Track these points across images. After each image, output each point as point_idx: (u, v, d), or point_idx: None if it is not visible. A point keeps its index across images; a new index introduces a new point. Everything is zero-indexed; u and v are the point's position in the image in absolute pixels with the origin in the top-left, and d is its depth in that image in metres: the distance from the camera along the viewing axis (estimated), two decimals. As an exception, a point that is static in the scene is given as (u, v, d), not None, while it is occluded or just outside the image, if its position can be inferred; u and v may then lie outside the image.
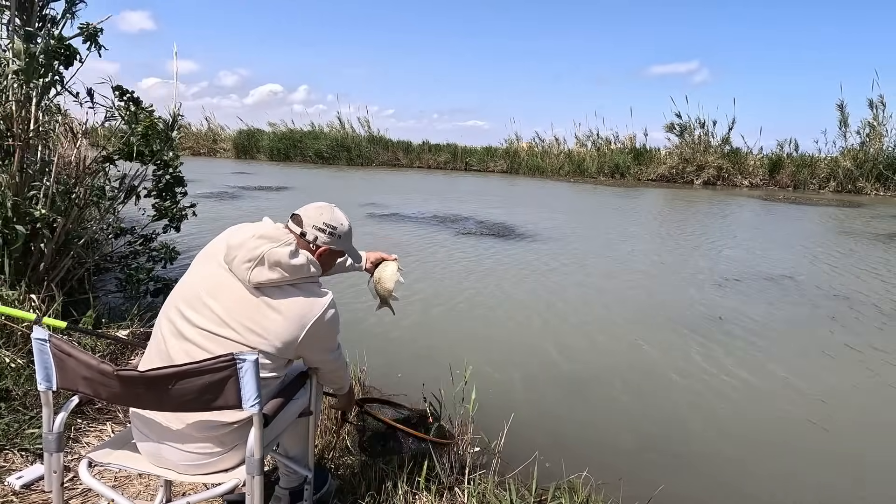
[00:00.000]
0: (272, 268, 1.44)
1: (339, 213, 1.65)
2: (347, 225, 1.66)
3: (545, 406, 3.08)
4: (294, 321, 1.46)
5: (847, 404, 3.22)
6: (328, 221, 1.60)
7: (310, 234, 1.58)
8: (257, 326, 1.43)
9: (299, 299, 1.47)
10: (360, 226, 8.15)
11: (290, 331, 1.45)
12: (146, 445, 1.46)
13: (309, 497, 1.80)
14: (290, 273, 1.46)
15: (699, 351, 3.88)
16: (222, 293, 1.45)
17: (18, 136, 2.93)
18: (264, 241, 1.46)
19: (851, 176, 15.79)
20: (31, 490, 1.95)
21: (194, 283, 1.49)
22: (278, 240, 1.48)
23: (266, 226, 1.53)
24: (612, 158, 18.65)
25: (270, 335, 1.43)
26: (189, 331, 1.43)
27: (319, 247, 1.59)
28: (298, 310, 1.46)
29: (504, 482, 2.05)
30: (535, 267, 6.22)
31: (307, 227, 1.58)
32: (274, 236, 1.49)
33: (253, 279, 1.43)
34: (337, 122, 22.74)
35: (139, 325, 3.11)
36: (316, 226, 1.58)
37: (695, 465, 2.58)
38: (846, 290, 5.49)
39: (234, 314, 1.42)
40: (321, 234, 1.58)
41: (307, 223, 1.58)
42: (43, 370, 1.33)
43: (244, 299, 1.44)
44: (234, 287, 1.45)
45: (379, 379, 3.08)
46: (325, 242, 1.59)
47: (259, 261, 1.43)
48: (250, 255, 1.43)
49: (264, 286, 1.45)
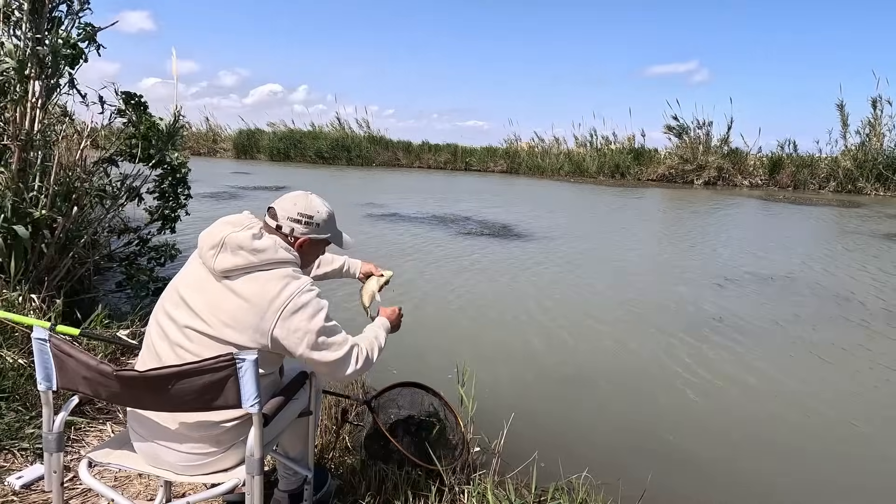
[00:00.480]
0: (235, 252, 1.40)
1: (316, 200, 1.59)
2: (326, 211, 1.59)
3: (544, 406, 3.08)
4: (261, 307, 1.39)
5: (847, 404, 3.22)
6: (303, 211, 1.54)
7: (285, 227, 1.53)
8: (228, 317, 1.38)
9: (267, 284, 1.40)
10: (359, 226, 8.16)
11: (258, 318, 1.38)
12: (143, 446, 1.46)
13: (309, 497, 1.80)
14: (255, 257, 1.41)
15: (699, 351, 3.88)
16: (199, 288, 1.43)
17: (16, 136, 2.93)
18: (227, 226, 1.45)
19: (851, 176, 15.80)
20: (31, 490, 1.95)
21: (177, 282, 1.49)
22: (240, 224, 1.46)
23: (236, 215, 1.52)
24: (612, 158, 18.65)
25: (240, 325, 1.38)
26: (173, 330, 1.43)
27: (298, 238, 1.54)
28: (265, 294, 1.39)
29: (504, 482, 2.05)
30: (534, 267, 6.22)
31: (282, 220, 1.53)
32: (236, 221, 1.48)
33: (218, 266, 1.40)
34: (336, 123, 22.79)
35: (139, 326, 3.11)
36: (291, 217, 1.53)
37: (694, 465, 2.58)
38: (846, 290, 5.49)
39: (210, 308, 1.40)
40: (297, 226, 1.53)
41: (282, 216, 1.53)
42: (43, 370, 1.33)
43: (215, 290, 1.41)
44: (207, 280, 1.43)
45: (378, 379, 3.08)
46: (302, 233, 1.54)
47: (221, 246, 1.40)
48: (213, 242, 1.42)
49: (231, 273, 1.40)
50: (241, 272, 1.41)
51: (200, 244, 1.45)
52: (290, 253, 1.49)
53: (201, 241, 1.45)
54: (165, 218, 3.83)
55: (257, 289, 1.40)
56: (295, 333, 1.41)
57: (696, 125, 17.66)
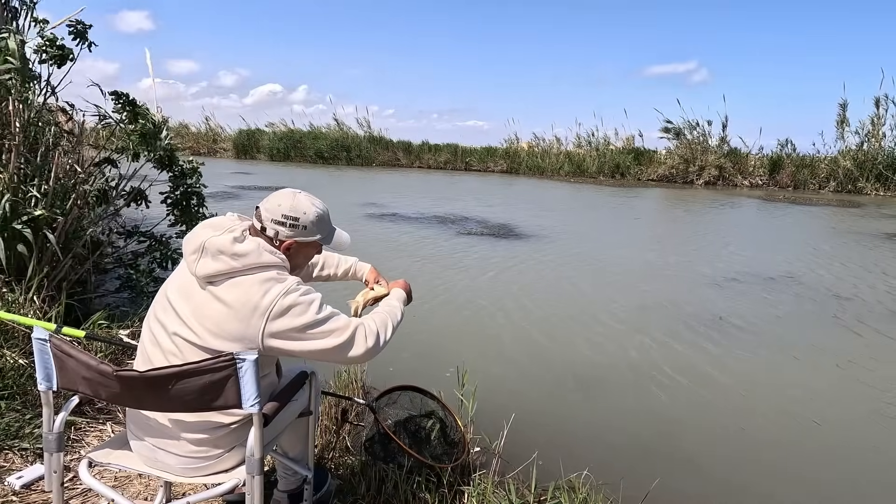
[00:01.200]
0: (215, 257, 1.34)
1: (304, 200, 1.49)
2: (315, 212, 1.49)
3: (544, 405, 3.08)
4: (244, 314, 1.33)
5: (847, 404, 3.22)
6: (288, 213, 1.45)
7: (269, 230, 1.45)
8: (213, 324, 1.34)
9: (250, 289, 1.34)
10: (359, 226, 8.15)
11: (244, 325, 1.33)
12: (143, 447, 1.46)
13: (309, 497, 1.80)
14: (237, 261, 1.35)
15: (698, 350, 3.88)
16: (185, 294, 1.39)
17: (14, 136, 2.93)
18: (207, 229, 1.40)
19: (851, 176, 15.79)
20: (31, 490, 1.95)
21: (167, 286, 1.47)
22: (221, 227, 1.40)
23: (219, 217, 1.48)
24: (613, 158, 18.66)
25: (225, 333, 1.33)
26: (163, 336, 1.41)
27: (283, 241, 1.46)
28: (248, 300, 1.33)
29: (504, 482, 2.05)
30: (530, 266, 6.22)
31: (266, 223, 1.45)
32: (217, 224, 1.43)
33: (199, 272, 1.35)
34: (334, 124, 22.80)
35: (140, 326, 3.11)
36: (275, 220, 1.45)
37: (693, 464, 2.58)
38: (847, 290, 5.49)
39: (196, 316, 1.36)
40: (282, 228, 1.45)
41: (266, 217, 1.45)
42: (43, 370, 1.33)
43: (200, 297, 1.36)
44: (193, 285, 1.39)
45: (378, 379, 3.08)
46: (288, 236, 1.46)
47: (202, 251, 1.35)
48: (193, 246, 1.37)
49: (215, 279, 1.35)
50: (224, 277, 1.35)
51: (184, 249, 1.41)
52: (275, 256, 1.41)
53: (185, 246, 1.41)
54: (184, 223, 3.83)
55: (239, 294, 1.34)
56: (287, 335, 1.35)
57: (694, 124, 17.67)
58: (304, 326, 1.36)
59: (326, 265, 1.95)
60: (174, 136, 3.73)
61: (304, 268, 1.71)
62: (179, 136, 23.93)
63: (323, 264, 1.94)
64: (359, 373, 2.90)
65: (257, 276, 1.36)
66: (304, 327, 1.36)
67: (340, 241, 1.63)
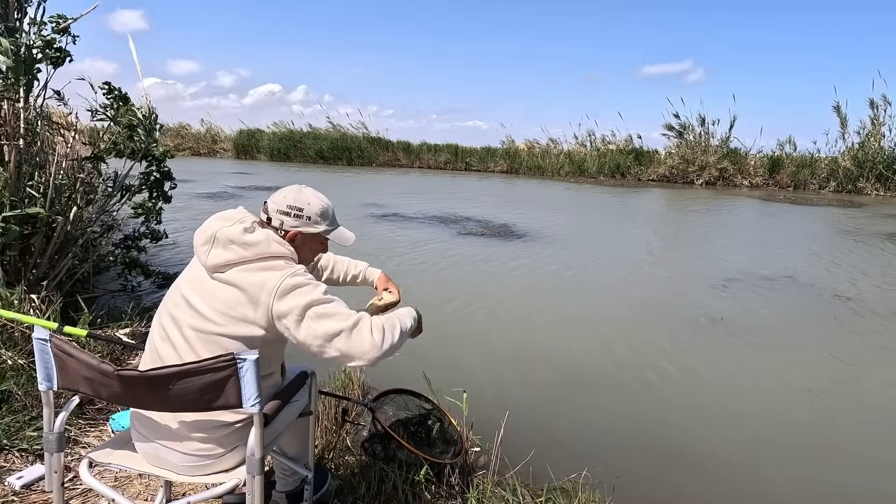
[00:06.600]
0: (226, 246, 1.40)
1: (308, 194, 1.56)
2: (319, 204, 1.55)
3: (543, 406, 3.08)
4: (254, 293, 1.37)
5: (846, 403, 3.22)
6: (293, 203, 1.51)
7: (275, 220, 1.51)
8: (224, 306, 1.38)
9: (260, 273, 1.39)
10: (359, 226, 8.15)
11: (253, 304, 1.37)
12: (145, 446, 1.46)
13: (309, 497, 1.80)
14: (247, 251, 1.40)
15: (698, 350, 3.88)
16: (198, 287, 1.43)
17: (13, 136, 2.93)
18: (219, 221, 1.45)
19: (851, 176, 15.79)
20: (31, 490, 1.95)
21: (179, 281, 1.50)
22: (232, 219, 1.46)
23: (229, 210, 1.52)
24: (613, 159, 18.64)
25: (236, 313, 1.37)
26: (174, 331, 1.42)
27: (288, 231, 1.51)
28: (258, 281, 1.38)
29: (502, 482, 2.05)
30: (531, 266, 6.22)
31: (272, 213, 1.52)
32: (228, 216, 1.48)
33: (210, 262, 1.40)
34: (329, 126, 22.80)
35: (139, 325, 3.11)
36: (280, 210, 1.51)
37: (692, 464, 2.58)
38: (847, 290, 5.49)
39: (209, 304, 1.39)
40: (286, 218, 1.51)
41: (272, 208, 1.52)
42: (44, 370, 1.33)
43: (211, 286, 1.41)
44: (204, 278, 1.43)
45: (376, 380, 3.08)
46: (292, 226, 1.51)
47: (213, 242, 1.41)
48: (205, 238, 1.42)
49: (225, 268, 1.40)
50: (233, 266, 1.40)
51: (195, 241, 1.46)
52: (283, 247, 1.46)
53: (195, 238, 1.46)
54: (149, 211, 3.81)
55: (250, 278, 1.39)
56: (292, 312, 1.36)
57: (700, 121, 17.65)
58: (308, 304, 1.37)
59: (336, 269, 1.95)
60: (174, 137, 3.71)
61: (310, 263, 1.71)
62: (179, 136, 23.95)
63: (332, 268, 1.94)
64: (358, 373, 2.90)
65: (267, 263, 1.42)
66: (308, 305, 1.37)
67: (344, 236, 1.64)
